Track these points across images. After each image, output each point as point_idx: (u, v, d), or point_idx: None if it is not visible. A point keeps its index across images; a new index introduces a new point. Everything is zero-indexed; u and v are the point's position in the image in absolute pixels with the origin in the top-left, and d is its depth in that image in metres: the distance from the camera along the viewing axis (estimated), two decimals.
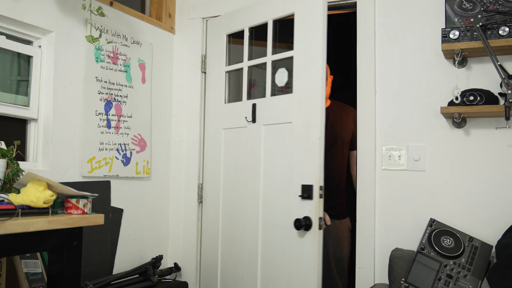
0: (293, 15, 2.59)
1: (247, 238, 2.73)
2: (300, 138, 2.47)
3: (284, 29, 2.77)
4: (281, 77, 2.71)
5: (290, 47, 2.58)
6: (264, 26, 2.76)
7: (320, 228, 2.36)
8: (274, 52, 2.71)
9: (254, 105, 2.76)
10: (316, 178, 2.38)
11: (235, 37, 3.06)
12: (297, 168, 2.47)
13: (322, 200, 2.38)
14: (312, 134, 2.41)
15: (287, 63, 2.64)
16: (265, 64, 2.75)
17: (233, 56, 3.05)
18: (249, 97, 2.87)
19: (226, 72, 3.02)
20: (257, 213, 2.68)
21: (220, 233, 2.95)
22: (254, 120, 2.76)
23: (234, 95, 3.08)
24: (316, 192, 2.37)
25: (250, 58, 2.86)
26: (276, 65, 2.73)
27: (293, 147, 2.50)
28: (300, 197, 2.42)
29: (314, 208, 2.37)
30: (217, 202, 2.99)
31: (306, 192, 2.39)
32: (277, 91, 2.73)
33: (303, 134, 2.46)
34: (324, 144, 2.41)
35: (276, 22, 2.74)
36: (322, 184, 2.38)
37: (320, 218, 2.36)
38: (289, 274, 2.48)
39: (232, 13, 2.99)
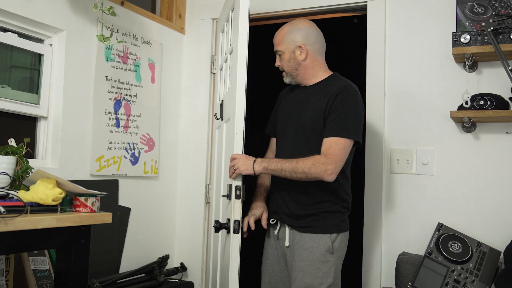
0: (234, 6, 2.45)
1: (217, 241, 2.65)
2: (231, 134, 2.29)
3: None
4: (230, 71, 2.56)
5: None
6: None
7: (235, 231, 2.13)
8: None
9: (222, 102, 2.68)
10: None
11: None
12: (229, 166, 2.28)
13: (238, 201, 2.15)
14: (233, 129, 2.23)
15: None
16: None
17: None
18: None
19: (220, 70, 2.98)
20: (219, 212, 2.59)
21: (212, 234, 2.89)
22: (221, 117, 2.67)
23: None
24: (233, 192, 2.17)
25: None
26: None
27: (230, 144, 2.34)
28: (224, 197, 2.28)
29: (231, 210, 2.18)
30: (212, 202, 2.95)
31: (227, 192, 2.22)
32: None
33: (231, 129, 2.29)
34: (243, 139, 2.18)
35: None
36: (239, 183, 2.16)
37: (235, 220, 2.12)
38: (222, 279, 2.37)
39: (222, 10, 2.94)
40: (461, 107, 2.39)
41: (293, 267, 2.11)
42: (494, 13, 2.39)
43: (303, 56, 2.15)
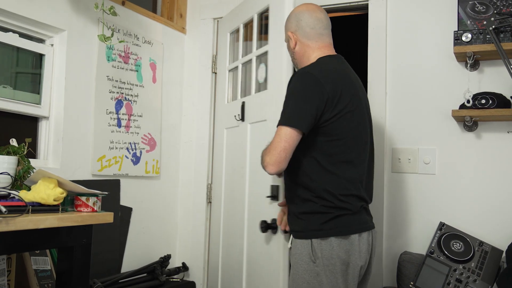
0: (268, 8, 2.50)
1: (237, 240, 2.67)
2: (267, 135, 2.19)
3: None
4: (261, 73, 2.60)
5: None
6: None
7: (286, 231, 2.14)
8: (259, 47, 2.63)
9: (243, 104, 2.71)
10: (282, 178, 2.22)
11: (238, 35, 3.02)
12: None
13: None
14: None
15: (265, 59, 2.54)
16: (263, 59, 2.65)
17: (237, 54, 3.01)
18: (243, 95, 2.83)
19: (228, 71, 3.01)
20: (243, 213, 2.60)
21: (221, 234, 2.94)
22: (243, 119, 2.70)
23: (235, 94, 3.05)
24: (281, 192, 2.19)
25: (245, 55, 2.83)
26: (261, 60, 2.65)
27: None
28: (269, 198, 2.29)
29: (280, 210, 2.18)
30: (219, 203, 2.98)
31: (273, 193, 2.25)
32: (261, 88, 2.63)
33: (270, 131, 2.22)
34: None
35: (262, 16, 2.65)
36: None
37: None
38: (265, 279, 2.38)
39: (232, 11, 2.97)
40: (462, 106, 2.38)
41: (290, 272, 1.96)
42: (495, 11, 2.39)
43: (293, 43, 2.04)
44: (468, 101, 2.33)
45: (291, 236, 1.98)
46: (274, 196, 2.26)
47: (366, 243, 1.89)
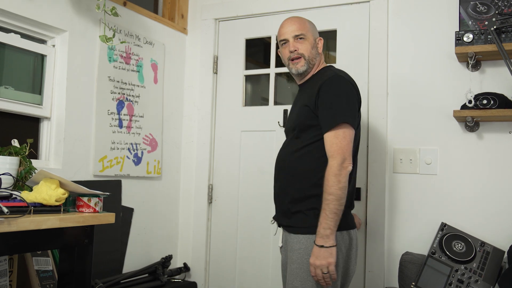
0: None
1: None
2: None
3: None
4: None
5: None
6: None
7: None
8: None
9: (285, 111, 2.87)
10: None
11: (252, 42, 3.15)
12: None
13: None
14: None
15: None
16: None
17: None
18: (276, 102, 2.99)
19: (244, 76, 3.10)
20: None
21: (237, 234, 2.99)
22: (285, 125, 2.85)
23: (251, 99, 3.19)
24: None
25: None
26: None
27: None
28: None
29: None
30: (233, 203, 3.03)
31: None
32: None
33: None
34: None
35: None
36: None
37: None
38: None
39: (252, 19, 3.06)
40: (464, 107, 2.38)
41: (287, 269, 1.98)
42: (497, 12, 2.39)
43: (320, 49, 2.14)
44: (470, 102, 2.33)
45: (281, 233, 2.09)
46: None
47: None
